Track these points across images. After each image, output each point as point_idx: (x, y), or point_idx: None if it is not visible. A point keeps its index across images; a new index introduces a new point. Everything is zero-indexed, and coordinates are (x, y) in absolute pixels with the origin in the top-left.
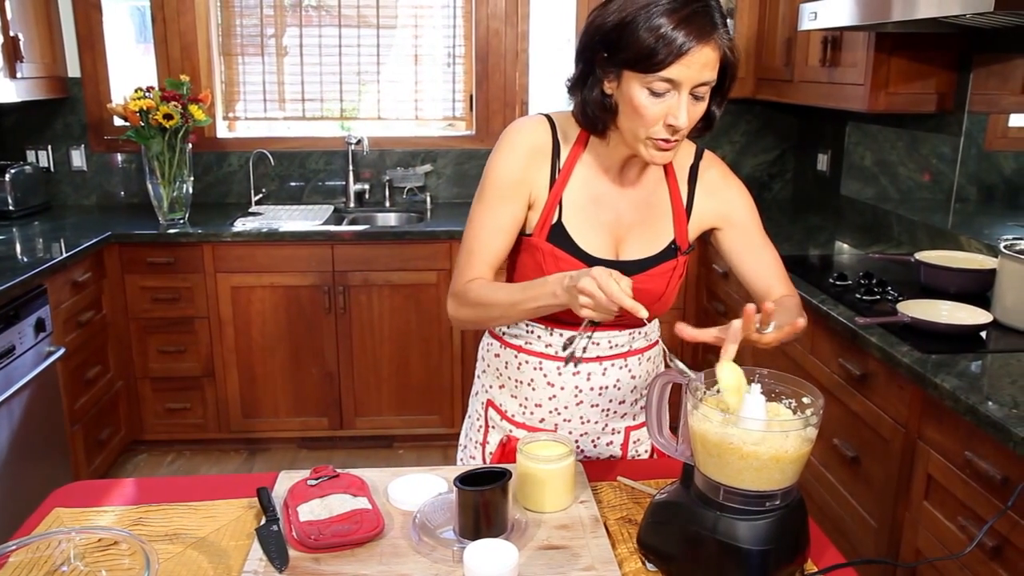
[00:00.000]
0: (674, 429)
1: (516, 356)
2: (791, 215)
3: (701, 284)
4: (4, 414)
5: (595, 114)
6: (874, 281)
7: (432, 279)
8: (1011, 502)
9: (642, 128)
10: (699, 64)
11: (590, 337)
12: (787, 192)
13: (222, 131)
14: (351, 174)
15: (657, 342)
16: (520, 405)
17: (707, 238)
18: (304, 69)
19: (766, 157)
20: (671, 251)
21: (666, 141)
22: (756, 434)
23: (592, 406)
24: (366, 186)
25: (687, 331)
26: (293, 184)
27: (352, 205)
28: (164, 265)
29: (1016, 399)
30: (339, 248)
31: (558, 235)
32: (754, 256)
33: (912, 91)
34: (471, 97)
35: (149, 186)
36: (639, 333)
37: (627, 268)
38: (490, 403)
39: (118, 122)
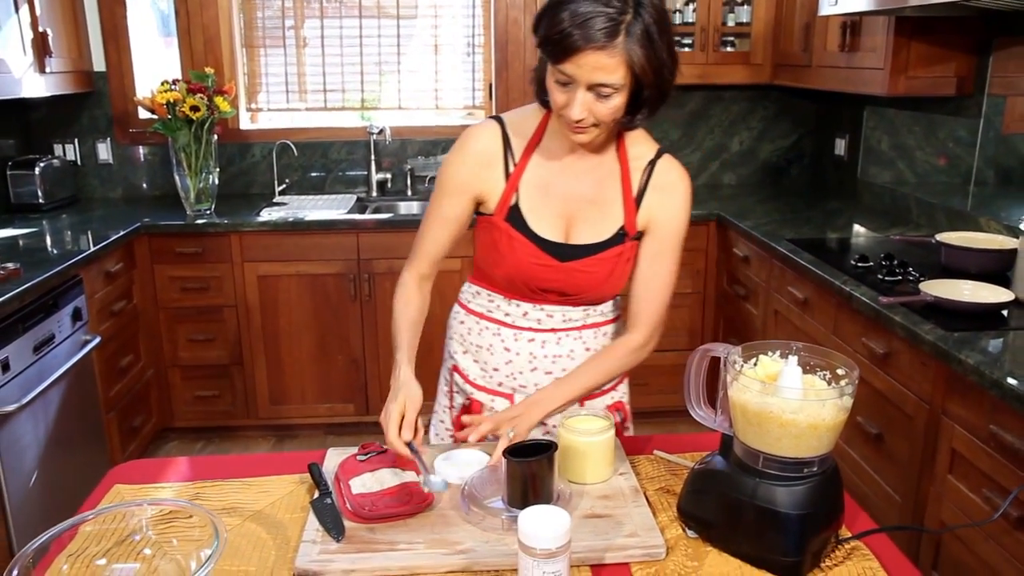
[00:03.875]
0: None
1: (478, 323)
2: (809, 199)
3: (722, 268)
4: (44, 402)
5: (537, 92)
6: (895, 262)
7: (456, 266)
8: None
9: (556, 110)
10: (590, 66)
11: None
12: (805, 177)
13: (245, 122)
14: (373, 163)
15: (616, 318)
16: (481, 369)
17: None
18: (325, 60)
19: (783, 142)
20: (619, 237)
21: (574, 125)
22: (794, 403)
23: (546, 373)
24: (388, 175)
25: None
26: (315, 174)
27: (374, 194)
28: (192, 255)
29: None
30: (363, 236)
31: (515, 217)
32: (651, 270)
33: (932, 75)
34: (491, 86)
35: (176, 177)
36: (594, 310)
37: (575, 251)
38: (455, 368)
39: (143, 115)
